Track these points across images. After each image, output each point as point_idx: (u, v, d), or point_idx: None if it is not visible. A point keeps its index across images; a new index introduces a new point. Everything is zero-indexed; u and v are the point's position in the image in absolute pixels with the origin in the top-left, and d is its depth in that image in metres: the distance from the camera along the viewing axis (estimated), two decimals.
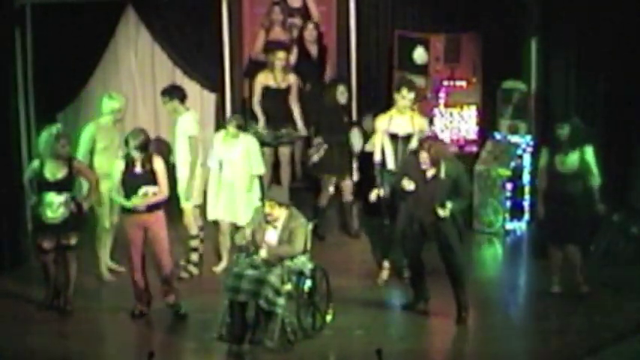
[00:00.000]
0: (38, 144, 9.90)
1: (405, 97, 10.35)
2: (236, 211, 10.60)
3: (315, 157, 11.70)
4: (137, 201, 9.50)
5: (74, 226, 9.84)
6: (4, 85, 10.97)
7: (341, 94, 11.64)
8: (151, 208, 9.60)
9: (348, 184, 11.74)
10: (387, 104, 12.72)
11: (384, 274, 10.61)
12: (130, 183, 9.58)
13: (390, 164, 10.47)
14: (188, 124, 10.56)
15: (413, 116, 10.48)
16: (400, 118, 10.41)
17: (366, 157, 11.57)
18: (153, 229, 9.62)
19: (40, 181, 9.71)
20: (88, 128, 10.52)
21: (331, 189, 11.66)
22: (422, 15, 12.82)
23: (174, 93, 10.73)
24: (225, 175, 10.59)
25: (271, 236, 9.20)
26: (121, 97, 10.70)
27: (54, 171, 9.69)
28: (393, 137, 10.44)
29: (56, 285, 9.98)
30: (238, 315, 9.05)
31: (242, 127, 10.63)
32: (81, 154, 10.35)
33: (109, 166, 10.14)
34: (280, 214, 9.18)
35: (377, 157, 10.54)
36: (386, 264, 10.62)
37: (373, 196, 10.43)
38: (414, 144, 10.31)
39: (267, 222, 9.23)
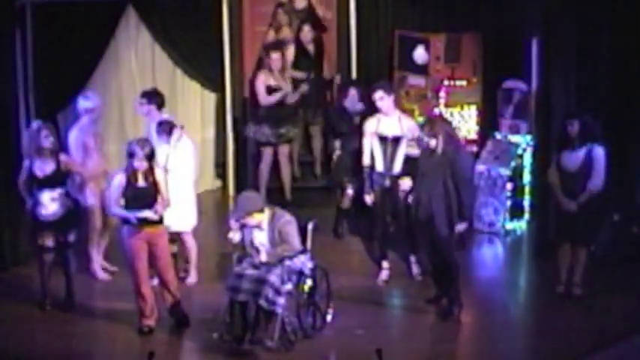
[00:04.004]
0: (23, 147, 9.93)
1: (381, 98, 10.30)
2: (176, 217, 10.19)
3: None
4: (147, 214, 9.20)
5: (72, 222, 9.84)
6: (4, 84, 10.98)
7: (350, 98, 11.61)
8: (156, 222, 9.30)
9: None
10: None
11: (384, 274, 10.62)
12: (134, 197, 9.21)
13: (380, 166, 10.46)
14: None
15: (400, 118, 10.47)
16: (388, 120, 10.38)
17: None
18: (159, 244, 9.35)
19: (32, 179, 9.73)
20: (73, 134, 10.47)
21: (350, 191, 11.56)
22: (422, 15, 12.82)
23: (153, 98, 10.61)
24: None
25: (261, 238, 9.16)
26: (96, 97, 10.63)
27: (43, 167, 9.71)
28: (382, 139, 10.42)
29: (49, 286, 9.99)
30: (238, 315, 9.05)
31: (170, 131, 10.16)
32: (79, 159, 10.37)
33: (97, 166, 10.32)
34: (259, 218, 9.10)
35: (366, 160, 10.52)
36: (385, 264, 10.63)
37: (368, 199, 10.45)
38: (403, 146, 10.37)
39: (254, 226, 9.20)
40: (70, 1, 11.77)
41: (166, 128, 10.20)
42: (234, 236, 9.21)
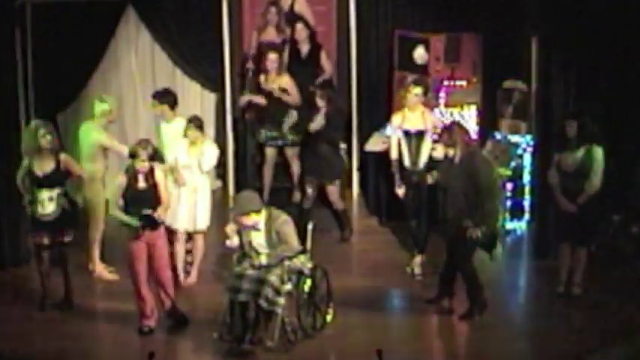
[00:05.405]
0: (22, 146, 9.91)
1: (417, 95, 10.58)
2: (195, 218, 10.37)
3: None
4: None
5: (68, 222, 9.82)
6: (4, 85, 10.98)
7: (319, 98, 11.56)
8: (157, 224, 9.29)
9: (332, 189, 11.62)
10: (386, 104, 12.81)
11: (418, 259, 10.70)
12: (135, 200, 9.19)
13: (407, 161, 10.61)
14: (178, 131, 10.44)
15: (424, 113, 10.67)
16: (412, 115, 10.61)
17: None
18: (158, 245, 9.35)
19: (31, 177, 9.74)
20: (87, 128, 10.52)
21: (310, 191, 11.54)
22: (422, 15, 12.81)
23: (165, 98, 10.67)
24: (187, 181, 10.31)
25: (258, 240, 9.17)
26: (112, 100, 10.69)
27: (42, 166, 9.72)
28: (407, 134, 10.62)
29: (48, 285, 10.00)
30: (238, 315, 9.06)
31: (202, 129, 10.29)
32: (86, 155, 10.38)
33: (102, 169, 10.38)
34: (256, 218, 9.08)
35: (393, 155, 10.68)
36: (418, 259, 10.74)
37: (400, 192, 10.59)
38: (428, 140, 10.56)
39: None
40: (69, 1, 11.77)
41: (198, 124, 10.20)
42: (232, 242, 9.21)
